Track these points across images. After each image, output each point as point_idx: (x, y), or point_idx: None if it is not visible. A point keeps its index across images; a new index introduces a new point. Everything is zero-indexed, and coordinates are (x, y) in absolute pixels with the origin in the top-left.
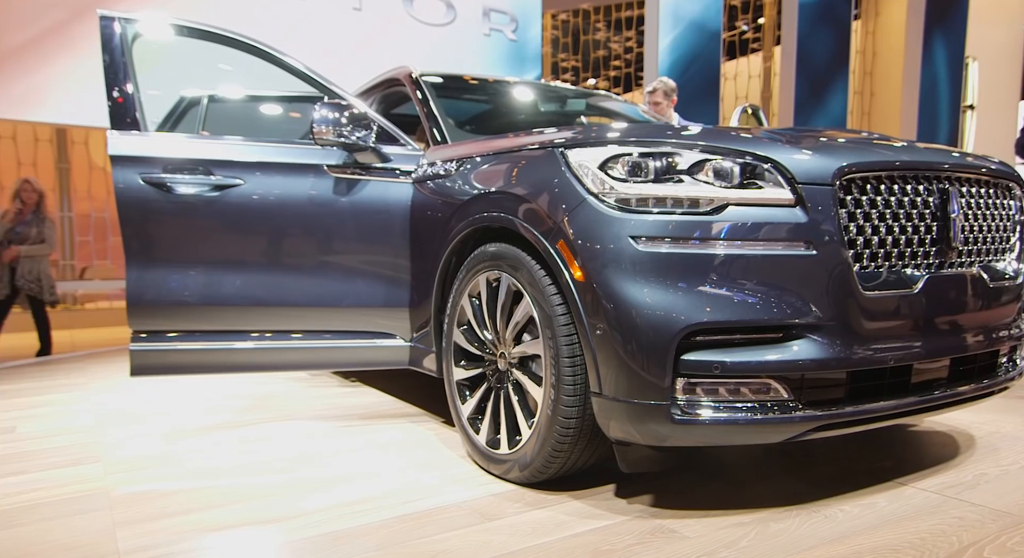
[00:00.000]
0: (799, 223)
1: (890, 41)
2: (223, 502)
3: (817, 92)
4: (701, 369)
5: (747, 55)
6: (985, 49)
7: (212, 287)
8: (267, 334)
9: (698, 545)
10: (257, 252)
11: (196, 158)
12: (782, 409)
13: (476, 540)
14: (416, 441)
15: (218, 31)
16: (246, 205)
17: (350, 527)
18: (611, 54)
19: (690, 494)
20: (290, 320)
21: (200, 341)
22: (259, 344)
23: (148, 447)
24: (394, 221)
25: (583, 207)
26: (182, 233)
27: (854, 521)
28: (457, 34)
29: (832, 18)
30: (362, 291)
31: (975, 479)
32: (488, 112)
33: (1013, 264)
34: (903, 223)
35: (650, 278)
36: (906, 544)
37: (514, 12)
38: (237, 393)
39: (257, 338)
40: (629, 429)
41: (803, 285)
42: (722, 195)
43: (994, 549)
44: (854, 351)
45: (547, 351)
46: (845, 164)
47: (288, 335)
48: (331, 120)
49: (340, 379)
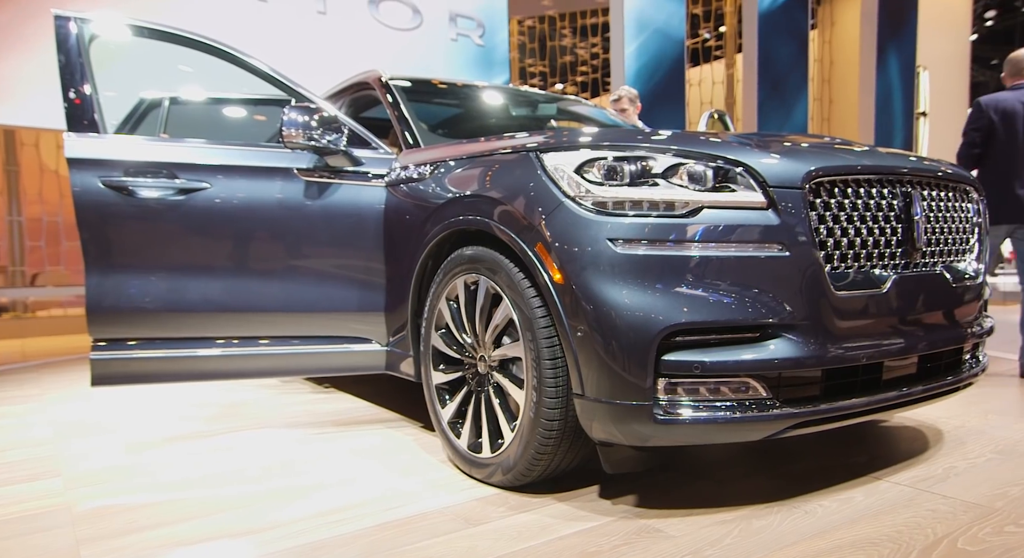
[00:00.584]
0: (772, 225)
1: (845, 50)
2: (193, 515)
3: (779, 98)
4: (682, 369)
5: (710, 62)
6: (934, 58)
7: (177, 293)
8: (236, 341)
9: (684, 544)
10: (225, 257)
11: (159, 161)
12: (761, 407)
13: (461, 546)
14: (394, 446)
15: (179, 32)
16: (213, 209)
17: (329, 537)
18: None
19: (673, 493)
20: (260, 326)
21: (165, 349)
22: (228, 351)
23: (111, 459)
24: (367, 225)
25: (560, 210)
26: (145, 238)
27: (833, 516)
28: (424, 39)
29: (790, 27)
30: (335, 295)
31: (945, 472)
32: (458, 116)
33: (973, 264)
34: (870, 225)
35: (629, 280)
36: (884, 537)
37: (480, 17)
38: (205, 402)
39: (225, 345)
40: (612, 430)
41: (778, 285)
42: (697, 198)
43: (967, 540)
44: (828, 349)
45: (528, 353)
46: (814, 168)
47: (258, 341)
48: (301, 123)
49: (313, 385)
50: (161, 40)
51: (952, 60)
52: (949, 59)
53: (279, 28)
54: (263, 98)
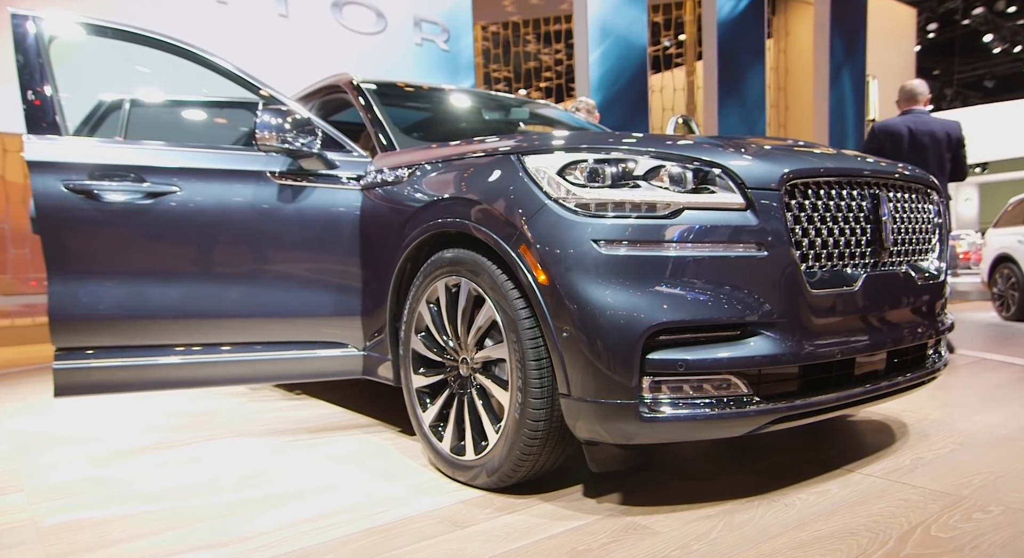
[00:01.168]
0: (750, 226)
1: (800, 59)
2: (169, 526)
3: (738, 104)
4: (666, 367)
5: (671, 69)
6: (883, 68)
7: (145, 299)
8: (209, 347)
9: (671, 539)
10: (195, 262)
11: (126, 164)
12: (742, 404)
13: (451, 548)
14: (373, 452)
15: (144, 32)
16: (183, 213)
17: (314, 544)
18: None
19: (656, 491)
20: (235, 332)
21: (133, 357)
22: (200, 358)
23: (76, 472)
24: (342, 229)
25: (544, 212)
26: (111, 243)
27: (811, 508)
28: (388, 43)
29: (748, 36)
30: (311, 300)
31: (913, 463)
32: (430, 119)
33: (935, 263)
34: (841, 225)
35: (614, 280)
36: (862, 527)
37: (445, 23)
38: (172, 411)
39: (198, 352)
40: (597, 428)
41: (757, 284)
42: (678, 199)
43: (939, 527)
44: (805, 346)
45: (512, 355)
46: (789, 170)
47: (233, 348)
48: (274, 126)
49: (283, 392)
50: (125, 40)
51: (899, 69)
52: (896, 68)
53: (239, 31)
54: (227, 100)
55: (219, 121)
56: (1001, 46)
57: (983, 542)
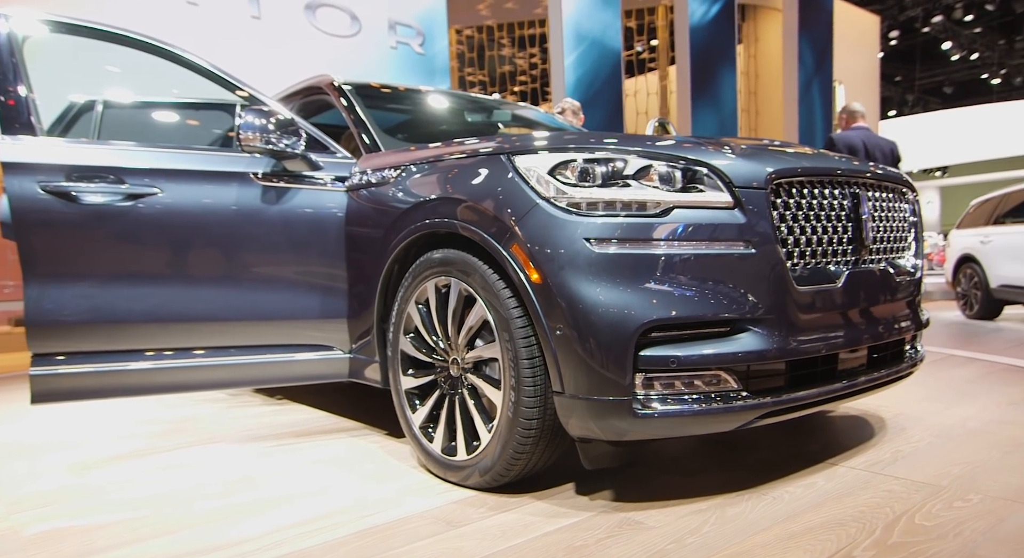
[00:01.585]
0: (738, 224)
1: (769, 65)
2: (157, 533)
3: (711, 108)
4: (658, 364)
5: (644, 73)
6: (849, 74)
7: (126, 303)
8: (194, 351)
9: (665, 533)
10: (178, 265)
11: (105, 165)
12: (733, 399)
13: (448, 547)
14: (360, 455)
15: (121, 32)
16: (165, 215)
17: (308, 547)
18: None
19: (647, 487)
20: (220, 336)
21: (115, 362)
22: (185, 362)
23: (54, 481)
24: (328, 230)
25: (535, 211)
26: (89, 246)
27: (799, 500)
28: (363, 46)
29: (719, 41)
30: (296, 303)
31: (893, 456)
32: (412, 121)
33: (911, 260)
34: (824, 223)
35: (606, 278)
36: (849, 518)
37: (420, 26)
38: (150, 418)
39: (183, 356)
40: (590, 425)
41: (746, 281)
42: (668, 198)
43: (923, 516)
44: (791, 342)
45: (505, 354)
46: (774, 169)
47: (218, 352)
48: (258, 126)
49: (264, 398)
50: (102, 39)
51: (864, 75)
52: (862, 74)
53: (211, 33)
54: (202, 102)
55: (194, 122)
56: (959, 53)
57: (965, 529)
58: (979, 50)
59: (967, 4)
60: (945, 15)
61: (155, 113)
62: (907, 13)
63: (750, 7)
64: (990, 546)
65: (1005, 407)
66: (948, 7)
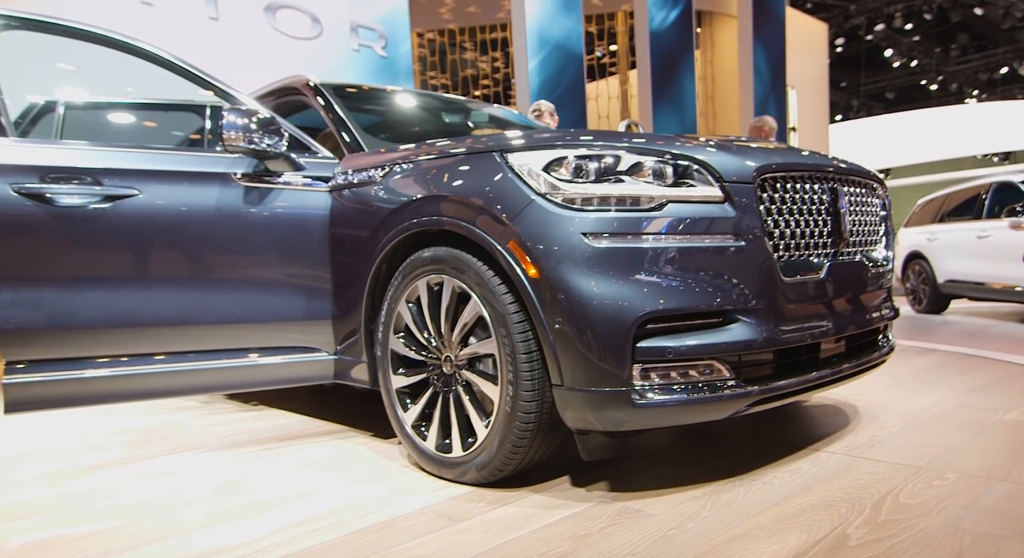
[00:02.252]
0: (729, 217)
1: (725, 70)
2: (150, 539)
3: (671, 112)
4: (655, 355)
5: (605, 78)
6: (800, 79)
7: (106, 308)
8: (178, 356)
9: (665, 520)
10: (159, 268)
11: (81, 166)
12: (726, 387)
13: (453, 541)
14: (349, 457)
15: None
16: (144, 217)
17: (309, 546)
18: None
19: (640, 478)
20: (202, 340)
21: (96, 368)
22: (167, 367)
23: (30, 492)
24: (312, 231)
25: (532, 208)
26: (67, 249)
27: (788, 485)
28: (325, 48)
29: (678, 47)
30: (280, 305)
31: (870, 441)
32: (389, 121)
33: (883, 252)
34: (806, 217)
35: (604, 272)
36: (838, 499)
37: (383, 29)
38: (121, 428)
39: (164, 361)
40: (588, 417)
41: (737, 273)
42: (661, 193)
43: (906, 495)
44: (779, 331)
45: (502, 349)
46: (761, 165)
47: (202, 355)
48: (240, 126)
49: (239, 404)
50: (69, 37)
51: (815, 80)
52: (812, 79)
53: (166, 34)
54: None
55: (151, 124)
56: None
57: (947, 505)
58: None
59: (907, 13)
60: (887, 24)
61: (119, 114)
62: (852, 21)
63: (706, 13)
64: (973, 519)
65: (966, 393)
66: (889, 16)
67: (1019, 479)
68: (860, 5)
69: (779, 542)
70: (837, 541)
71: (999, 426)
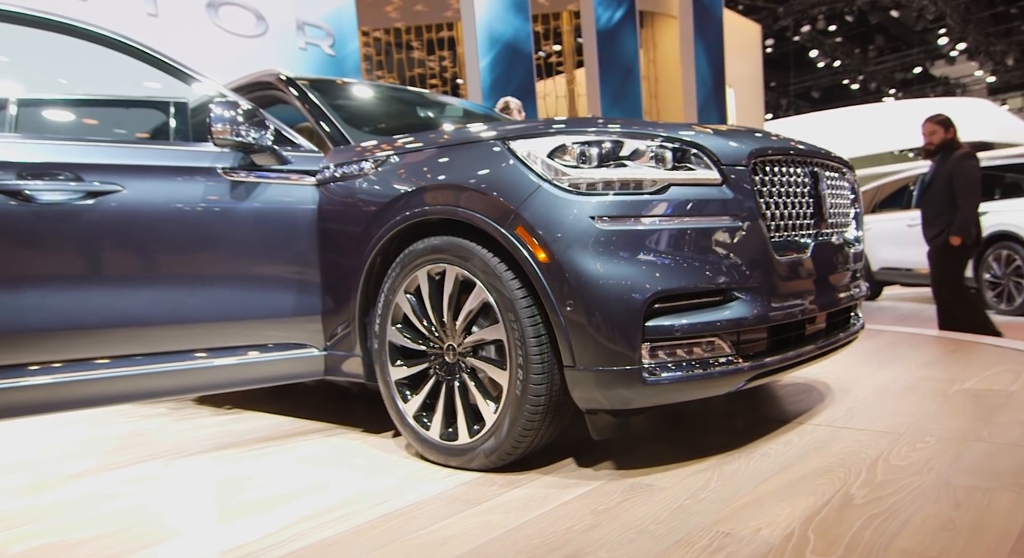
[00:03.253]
0: (727, 199)
1: (668, 70)
2: (159, 539)
3: (618, 111)
4: (663, 333)
5: (552, 77)
6: (737, 79)
7: (90, 308)
8: (165, 355)
9: (677, 492)
10: (144, 266)
11: (61, 162)
12: (727, 363)
13: (476, 522)
14: (344, 452)
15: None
16: (129, 213)
17: (332, 535)
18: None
19: (641, 456)
20: (191, 338)
21: (80, 371)
22: (155, 367)
23: (14, 502)
24: (300, 225)
25: (539, 193)
26: (48, 248)
27: (785, 455)
28: (271, 47)
29: (623, 47)
30: (268, 301)
31: (848, 413)
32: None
33: (855, 232)
34: (793, 199)
35: (613, 254)
36: (834, 465)
37: (330, 27)
38: (90, 437)
39: (151, 361)
40: (597, 396)
41: (736, 253)
42: (664, 176)
43: (895, 457)
44: (774, 308)
45: (511, 334)
46: (754, 148)
47: (191, 355)
48: (228, 118)
49: (211, 407)
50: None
51: (750, 80)
52: (748, 79)
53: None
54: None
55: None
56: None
57: (935, 464)
58: (841, 58)
59: (830, 15)
60: (811, 26)
61: (78, 111)
62: (780, 23)
63: (648, 14)
64: (960, 475)
65: (923, 367)
66: (814, 18)
67: (991, 438)
68: (787, 7)
69: (790, 505)
70: (843, 501)
71: (960, 394)
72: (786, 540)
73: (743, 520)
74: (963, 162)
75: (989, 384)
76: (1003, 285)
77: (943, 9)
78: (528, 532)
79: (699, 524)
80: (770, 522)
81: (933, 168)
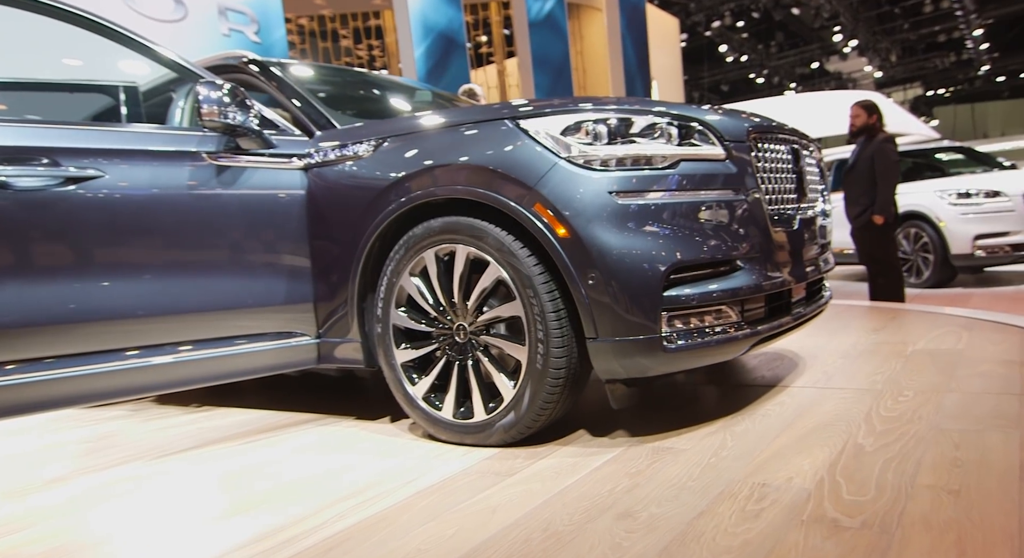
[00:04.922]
0: (731, 174)
1: (595, 61)
2: (183, 531)
3: None
4: (679, 302)
5: (484, 66)
6: (659, 72)
7: (71, 300)
8: (155, 349)
9: (699, 451)
10: (128, 255)
11: (35, 146)
12: (736, 329)
13: (517, 491)
14: (346, 439)
15: None
16: (110, 200)
17: (372, 514)
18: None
19: (652, 423)
20: (179, 330)
21: (60, 368)
22: (143, 361)
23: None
24: (289, 211)
25: (555, 170)
26: (26, 237)
27: (784, 414)
28: (190, 32)
29: (553, 38)
30: (258, 289)
31: (826, 376)
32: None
33: (825, 207)
34: (781, 174)
35: (632, 227)
36: (832, 420)
37: (254, 13)
38: (55, 443)
39: (139, 355)
40: (615, 366)
41: (741, 225)
42: (674, 152)
43: (884, 410)
44: (772, 277)
45: (530, 309)
46: (751, 125)
47: (178, 348)
48: (215, 100)
49: (179, 407)
50: None
51: (670, 72)
52: (668, 71)
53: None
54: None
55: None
56: (733, 55)
57: (921, 413)
58: (747, 53)
59: (737, 11)
60: (720, 21)
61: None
62: (692, 18)
63: (574, 6)
64: (948, 421)
65: (873, 333)
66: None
67: (960, 388)
68: (699, 3)
69: (810, 456)
70: (856, 450)
71: (917, 354)
72: (820, 485)
73: (772, 472)
74: (884, 146)
75: (937, 344)
76: (912, 260)
77: (837, 7)
78: (573, 496)
79: (732, 478)
80: (798, 472)
81: (856, 151)
